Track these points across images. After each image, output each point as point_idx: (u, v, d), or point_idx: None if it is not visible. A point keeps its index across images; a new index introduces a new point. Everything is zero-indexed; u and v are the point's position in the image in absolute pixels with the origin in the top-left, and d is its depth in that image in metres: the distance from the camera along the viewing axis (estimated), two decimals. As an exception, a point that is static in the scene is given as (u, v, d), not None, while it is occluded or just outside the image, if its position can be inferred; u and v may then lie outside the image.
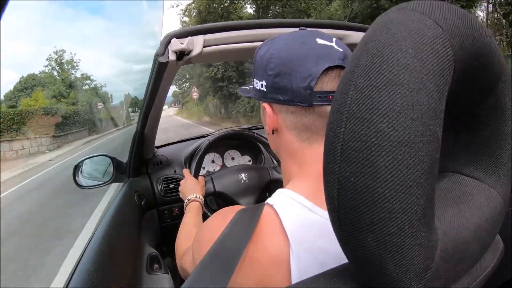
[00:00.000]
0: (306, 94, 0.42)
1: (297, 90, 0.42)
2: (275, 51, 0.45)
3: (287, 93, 0.43)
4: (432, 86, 0.22)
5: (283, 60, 0.44)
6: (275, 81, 0.44)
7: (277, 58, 0.44)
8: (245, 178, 1.10)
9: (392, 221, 0.22)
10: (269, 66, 0.45)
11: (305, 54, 0.43)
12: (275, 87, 0.44)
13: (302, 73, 0.42)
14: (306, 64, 0.42)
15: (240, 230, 0.39)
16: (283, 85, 0.43)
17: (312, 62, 0.42)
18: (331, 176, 0.24)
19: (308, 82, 0.42)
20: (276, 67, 0.44)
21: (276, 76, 0.44)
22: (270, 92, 0.45)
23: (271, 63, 0.44)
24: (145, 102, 0.94)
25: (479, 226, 0.29)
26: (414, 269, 0.24)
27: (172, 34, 0.72)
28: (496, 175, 0.32)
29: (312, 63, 0.42)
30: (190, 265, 0.54)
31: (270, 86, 0.45)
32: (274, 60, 0.44)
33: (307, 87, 0.42)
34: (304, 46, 0.43)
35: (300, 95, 0.42)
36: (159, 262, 0.93)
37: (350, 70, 0.24)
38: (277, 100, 0.45)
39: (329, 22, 0.83)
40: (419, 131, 0.22)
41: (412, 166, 0.22)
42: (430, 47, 0.23)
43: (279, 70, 0.44)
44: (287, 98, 0.44)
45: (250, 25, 0.76)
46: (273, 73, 0.44)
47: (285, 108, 0.45)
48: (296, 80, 0.42)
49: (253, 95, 0.50)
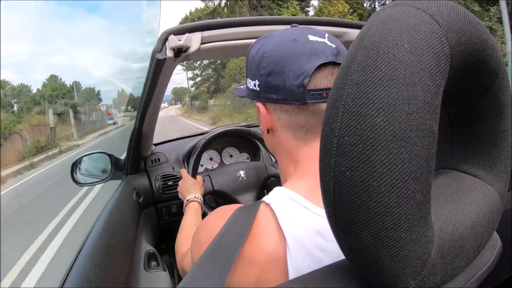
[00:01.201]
0: (299, 92, 0.42)
1: (290, 89, 0.42)
2: (267, 50, 0.44)
3: (280, 92, 0.43)
4: (428, 81, 0.22)
5: (275, 58, 0.43)
6: (267, 80, 0.44)
7: (269, 56, 0.44)
8: (243, 175, 1.10)
9: (388, 216, 0.22)
10: (261, 65, 0.44)
11: (297, 51, 0.42)
12: (268, 86, 0.44)
13: (294, 71, 0.42)
14: (298, 62, 0.42)
15: (237, 228, 0.39)
16: (276, 84, 0.43)
17: (304, 60, 0.42)
18: (327, 170, 0.24)
19: (301, 80, 0.41)
20: (268, 66, 0.44)
21: (269, 75, 0.44)
22: (263, 91, 0.45)
23: (263, 62, 0.44)
24: (142, 100, 0.93)
25: (476, 222, 0.29)
26: (411, 264, 0.24)
27: (170, 31, 0.71)
28: (493, 172, 0.32)
29: (304, 61, 0.42)
30: (190, 266, 0.54)
31: (263, 86, 0.45)
32: (266, 59, 0.44)
33: (300, 85, 0.41)
34: (296, 44, 0.43)
35: (293, 93, 0.42)
36: (156, 259, 0.93)
37: (346, 65, 0.24)
38: (270, 99, 0.45)
39: (328, 20, 0.83)
40: (414, 125, 0.22)
41: (408, 161, 0.22)
42: (426, 42, 0.22)
43: (271, 69, 0.43)
44: (281, 97, 0.43)
45: (248, 22, 0.76)
46: (265, 72, 0.44)
47: (278, 107, 0.45)
48: (288, 78, 0.42)
49: (247, 95, 0.49)
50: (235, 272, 0.38)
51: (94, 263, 0.64)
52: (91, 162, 1.20)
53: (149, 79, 0.84)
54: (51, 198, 5.44)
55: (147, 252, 0.92)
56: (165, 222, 1.24)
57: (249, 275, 0.38)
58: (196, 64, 25.58)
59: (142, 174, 1.23)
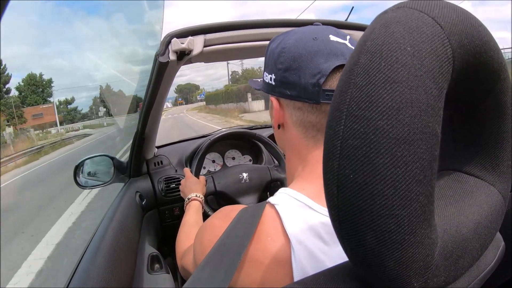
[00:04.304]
0: (314, 91, 0.42)
1: (305, 86, 0.42)
2: (287, 45, 0.44)
3: (295, 88, 0.43)
4: (431, 83, 0.22)
5: (294, 54, 0.43)
6: (284, 76, 0.44)
7: (288, 52, 0.44)
8: (246, 178, 1.10)
9: (391, 218, 0.22)
10: (279, 60, 0.44)
11: (316, 50, 0.42)
12: (284, 82, 0.44)
13: (311, 69, 0.42)
14: (317, 61, 0.42)
15: (242, 229, 0.39)
16: (292, 80, 0.43)
17: (322, 59, 0.42)
18: (331, 173, 0.24)
19: (317, 79, 0.41)
20: (286, 61, 0.44)
21: (286, 71, 0.44)
22: (279, 86, 0.45)
23: (282, 57, 0.44)
24: (145, 102, 0.94)
25: (479, 223, 0.29)
26: (414, 266, 0.24)
27: (173, 34, 0.72)
28: (496, 173, 0.32)
29: (323, 60, 0.42)
30: (191, 265, 0.54)
31: (279, 80, 0.45)
32: (284, 54, 0.44)
33: (316, 83, 0.41)
34: (316, 42, 0.43)
35: (307, 91, 0.42)
36: (160, 262, 0.93)
37: (349, 68, 0.25)
38: (284, 95, 0.45)
39: (329, 21, 0.83)
40: (418, 128, 0.22)
41: (411, 163, 0.22)
42: (429, 45, 0.23)
43: (289, 64, 0.43)
44: (295, 93, 0.43)
45: (250, 24, 0.76)
46: (283, 67, 0.44)
47: (292, 103, 0.45)
48: (305, 75, 0.42)
49: (262, 88, 0.50)
50: (240, 273, 0.38)
51: (98, 265, 0.64)
52: (93, 165, 1.21)
53: (151, 82, 0.84)
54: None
55: (150, 254, 0.92)
56: (168, 224, 1.24)
57: (254, 276, 0.38)
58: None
59: (145, 177, 1.23)
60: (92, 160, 1.18)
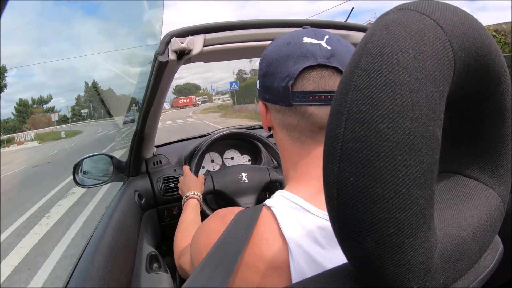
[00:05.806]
0: (284, 93, 0.42)
1: (277, 90, 0.43)
2: (266, 52, 0.46)
3: (272, 92, 0.44)
4: (432, 86, 0.22)
5: (269, 60, 0.45)
6: (263, 81, 0.46)
7: (266, 59, 0.46)
8: (245, 178, 1.10)
9: (392, 222, 0.22)
10: (260, 67, 0.47)
11: (288, 54, 0.43)
12: (263, 87, 0.46)
13: (282, 73, 0.43)
14: (287, 64, 0.42)
15: (238, 233, 0.39)
16: (268, 85, 0.45)
17: (292, 62, 0.42)
18: (331, 176, 0.24)
19: (286, 82, 0.42)
20: (264, 67, 0.46)
21: (264, 76, 0.45)
22: (262, 91, 0.47)
23: (261, 63, 0.46)
24: (144, 102, 0.94)
25: (478, 226, 0.29)
26: (413, 269, 0.24)
27: (172, 33, 0.72)
28: (495, 175, 0.32)
29: (292, 63, 0.42)
30: (189, 266, 0.54)
31: (261, 86, 0.47)
32: (263, 61, 0.46)
33: (285, 86, 0.42)
34: (289, 46, 0.43)
35: (279, 94, 0.43)
36: (158, 261, 0.93)
37: (350, 71, 0.24)
38: (266, 99, 0.46)
39: (330, 22, 0.83)
40: (418, 131, 0.22)
41: (412, 167, 0.22)
42: (430, 47, 0.22)
43: (266, 70, 0.45)
44: (271, 97, 0.45)
45: (250, 24, 0.76)
46: (262, 73, 0.46)
47: (273, 106, 0.46)
48: (277, 79, 0.43)
49: (257, 93, 0.51)
50: (236, 277, 0.38)
51: (96, 265, 0.64)
52: (92, 164, 1.20)
53: (151, 82, 0.84)
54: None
55: (149, 254, 0.92)
56: (166, 224, 1.24)
57: (251, 281, 0.38)
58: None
59: (143, 176, 1.23)
60: (91, 159, 1.18)
